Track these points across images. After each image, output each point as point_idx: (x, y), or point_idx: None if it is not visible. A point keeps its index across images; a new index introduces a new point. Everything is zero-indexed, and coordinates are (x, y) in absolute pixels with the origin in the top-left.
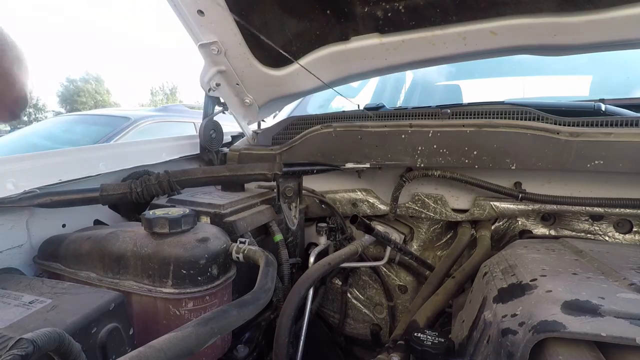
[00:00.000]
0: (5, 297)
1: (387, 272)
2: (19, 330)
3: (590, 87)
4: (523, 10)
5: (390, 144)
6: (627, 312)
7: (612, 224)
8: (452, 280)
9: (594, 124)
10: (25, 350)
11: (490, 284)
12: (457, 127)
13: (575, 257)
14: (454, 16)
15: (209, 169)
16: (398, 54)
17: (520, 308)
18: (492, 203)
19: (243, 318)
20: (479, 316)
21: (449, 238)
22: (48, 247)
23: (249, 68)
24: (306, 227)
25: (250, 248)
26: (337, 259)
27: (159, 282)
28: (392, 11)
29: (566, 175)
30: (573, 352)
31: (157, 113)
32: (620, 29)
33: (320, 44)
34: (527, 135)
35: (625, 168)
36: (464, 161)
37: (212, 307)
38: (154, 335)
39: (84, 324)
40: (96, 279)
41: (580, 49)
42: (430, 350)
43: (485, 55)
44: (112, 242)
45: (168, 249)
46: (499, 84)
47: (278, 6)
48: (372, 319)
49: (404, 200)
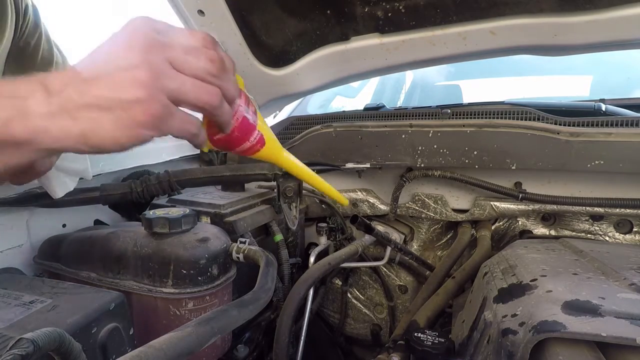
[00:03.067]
0: (5, 297)
1: (387, 272)
2: (19, 330)
3: (591, 87)
4: (523, 10)
5: (391, 144)
6: (627, 312)
7: (612, 224)
8: (452, 281)
9: (594, 124)
10: (25, 350)
11: (490, 284)
12: (458, 127)
13: (575, 257)
14: (454, 16)
15: (209, 169)
16: (398, 54)
17: (521, 308)
18: (493, 203)
19: (243, 318)
20: (479, 316)
21: (449, 238)
22: (48, 247)
23: (249, 68)
24: (306, 227)
25: (250, 248)
26: (337, 259)
27: (159, 282)
28: (393, 11)
29: (566, 176)
30: (573, 352)
31: None
32: (620, 29)
33: (320, 44)
34: (527, 135)
35: (626, 168)
36: (464, 161)
37: (212, 307)
38: (154, 335)
39: (84, 323)
40: (96, 278)
41: (580, 49)
42: (431, 350)
43: (485, 55)
44: (112, 242)
45: (168, 249)
46: (499, 84)
47: (278, 6)
48: (372, 319)
49: (404, 200)
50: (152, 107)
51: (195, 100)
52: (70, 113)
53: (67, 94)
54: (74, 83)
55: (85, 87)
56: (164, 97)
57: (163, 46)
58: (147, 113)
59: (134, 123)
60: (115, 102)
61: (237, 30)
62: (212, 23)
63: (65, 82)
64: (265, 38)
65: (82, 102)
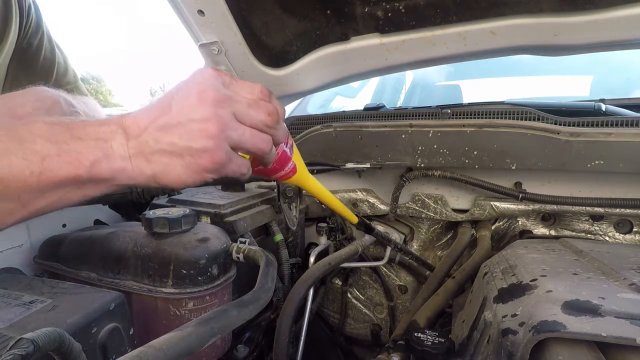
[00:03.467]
0: (5, 297)
1: (387, 272)
2: (19, 330)
3: (591, 87)
4: (523, 10)
5: (391, 144)
6: (627, 312)
7: (612, 224)
8: (452, 280)
9: (595, 124)
10: (25, 350)
11: (490, 284)
12: (458, 127)
13: (575, 257)
14: (454, 16)
15: None
16: (398, 54)
17: (521, 308)
18: (493, 203)
19: (243, 318)
20: (479, 316)
21: (449, 238)
22: (48, 247)
23: (249, 68)
24: (306, 227)
25: (250, 248)
26: (337, 259)
27: (159, 282)
28: (393, 11)
29: (566, 175)
30: (573, 352)
31: None
32: (620, 29)
33: (321, 44)
34: (527, 135)
35: (626, 168)
36: (464, 161)
37: (212, 307)
38: (154, 335)
39: (84, 323)
40: (96, 278)
41: (580, 49)
42: (431, 350)
43: (485, 55)
44: (113, 242)
45: (168, 249)
46: (499, 84)
47: (278, 6)
48: (372, 319)
49: (404, 200)
50: (218, 155)
51: (252, 148)
52: (145, 156)
53: (144, 139)
54: (150, 130)
55: (160, 134)
56: (227, 146)
57: (230, 100)
58: (212, 160)
59: (201, 168)
60: (186, 150)
61: (237, 30)
62: (212, 23)
63: (142, 128)
64: (265, 38)
65: (157, 148)
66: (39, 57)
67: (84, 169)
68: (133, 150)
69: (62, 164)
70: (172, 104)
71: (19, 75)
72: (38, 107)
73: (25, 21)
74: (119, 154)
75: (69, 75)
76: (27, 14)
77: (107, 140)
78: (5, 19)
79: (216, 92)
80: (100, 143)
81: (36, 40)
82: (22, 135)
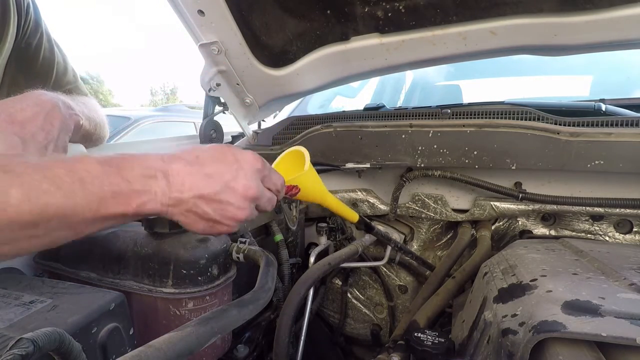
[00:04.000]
0: (5, 297)
1: (387, 272)
2: (19, 330)
3: (591, 87)
4: (523, 10)
5: (391, 144)
6: (627, 312)
7: (612, 224)
8: (452, 280)
9: (594, 124)
10: (25, 350)
11: (490, 284)
12: (458, 127)
13: (575, 257)
14: (454, 16)
15: None
16: (398, 54)
17: (521, 308)
18: (493, 203)
19: (243, 318)
20: (479, 316)
21: (449, 238)
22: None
23: (249, 68)
24: (306, 227)
25: (250, 248)
26: (337, 259)
27: (159, 282)
28: (393, 11)
29: (566, 176)
30: (573, 352)
31: (158, 113)
32: (620, 29)
33: (321, 44)
34: (527, 135)
35: (626, 168)
36: (464, 161)
37: (212, 307)
38: (154, 335)
39: (84, 323)
40: (96, 278)
41: (580, 49)
42: (431, 350)
43: (485, 55)
44: (113, 242)
45: (168, 249)
46: (499, 84)
47: (278, 6)
48: (372, 319)
49: (404, 200)
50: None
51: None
52: (181, 210)
53: (185, 199)
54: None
55: (200, 202)
56: (253, 207)
57: (262, 196)
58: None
59: (218, 232)
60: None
61: (237, 30)
62: (212, 23)
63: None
64: (265, 38)
65: (193, 210)
66: (38, 57)
67: (131, 209)
68: (172, 202)
69: (114, 204)
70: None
71: (18, 76)
72: (37, 111)
73: (23, 21)
74: (160, 201)
75: (68, 75)
76: (25, 13)
77: (152, 187)
78: (3, 19)
79: (256, 191)
80: (147, 188)
81: (35, 40)
82: (82, 177)
